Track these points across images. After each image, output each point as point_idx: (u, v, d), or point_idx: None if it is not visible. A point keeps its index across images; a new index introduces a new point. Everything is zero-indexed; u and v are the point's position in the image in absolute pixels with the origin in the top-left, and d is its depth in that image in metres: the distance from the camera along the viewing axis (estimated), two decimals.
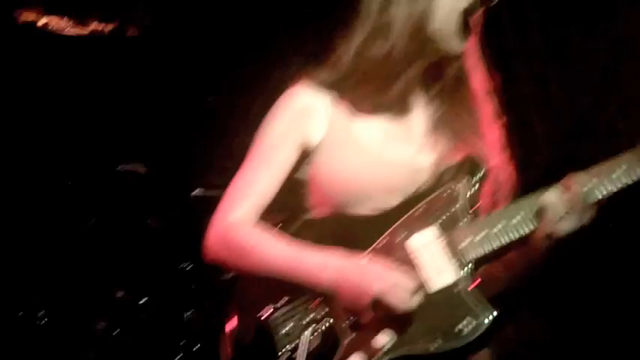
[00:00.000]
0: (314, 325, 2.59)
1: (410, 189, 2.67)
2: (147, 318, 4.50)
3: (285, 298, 2.66)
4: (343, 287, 2.52)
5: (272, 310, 2.67)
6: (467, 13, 2.61)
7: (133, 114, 4.66)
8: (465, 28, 2.62)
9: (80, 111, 4.80)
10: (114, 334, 4.46)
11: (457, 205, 2.62)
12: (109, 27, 4.73)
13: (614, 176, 2.46)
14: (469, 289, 2.51)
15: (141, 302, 4.50)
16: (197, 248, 2.80)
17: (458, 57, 2.70)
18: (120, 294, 4.54)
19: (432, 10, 2.62)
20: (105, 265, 4.57)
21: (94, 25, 4.72)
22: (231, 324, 2.72)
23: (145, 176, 4.53)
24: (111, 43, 4.75)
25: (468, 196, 2.63)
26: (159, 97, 4.66)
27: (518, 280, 2.71)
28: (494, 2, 2.60)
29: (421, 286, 2.51)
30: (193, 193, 4.41)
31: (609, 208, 2.54)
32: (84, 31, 4.75)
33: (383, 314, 2.48)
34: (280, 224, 2.78)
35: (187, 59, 4.70)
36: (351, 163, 2.71)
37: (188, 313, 4.40)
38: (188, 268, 4.32)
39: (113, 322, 4.48)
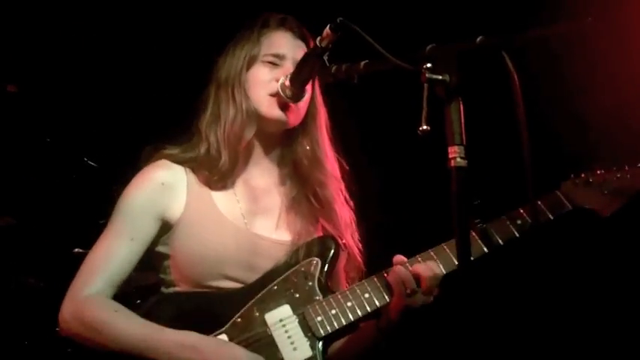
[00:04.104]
0: None
1: (266, 265, 2.89)
2: None
3: None
4: None
5: None
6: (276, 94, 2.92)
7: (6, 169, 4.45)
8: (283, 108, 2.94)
9: None
10: None
11: (311, 283, 2.85)
12: None
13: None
14: None
15: None
16: None
17: (301, 139, 3.04)
18: None
19: (244, 85, 2.97)
20: None
21: None
22: None
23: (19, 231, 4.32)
24: None
25: (321, 273, 2.87)
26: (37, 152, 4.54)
27: (368, 353, 2.95)
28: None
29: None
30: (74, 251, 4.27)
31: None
32: None
33: None
34: (140, 299, 2.90)
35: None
36: (214, 234, 2.89)
37: None
38: None
39: None
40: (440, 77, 2.16)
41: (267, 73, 2.98)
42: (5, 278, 4.29)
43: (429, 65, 2.17)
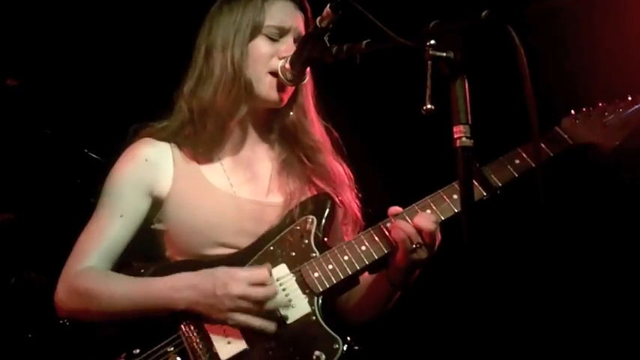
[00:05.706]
0: None
1: (261, 229, 2.85)
2: None
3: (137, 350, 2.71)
4: (200, 300, 2.65)
5: None
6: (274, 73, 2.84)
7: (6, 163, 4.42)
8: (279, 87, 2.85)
9: None
10: None
11: (307, 241, 2.80)
12: None
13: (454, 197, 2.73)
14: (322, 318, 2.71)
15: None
16: None
17: (287, 107, 2.94)
18: None
19: (244, 56, 2.84)
20: None
21: None
22: None
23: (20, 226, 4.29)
24: None
25: (317, 230, 2.83)
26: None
27: (377, 311, 2.95)
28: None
29: (279, 317, 2.69)
30: None
31: None
32: None
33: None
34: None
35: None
36: (204, 203, 2.85)
37: None
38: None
39: None
40: (444, 54, 2.11)
41: (269, 47, 2.86)
42: (7, 273, 4.26)
43: (432, 42, 2.12)
